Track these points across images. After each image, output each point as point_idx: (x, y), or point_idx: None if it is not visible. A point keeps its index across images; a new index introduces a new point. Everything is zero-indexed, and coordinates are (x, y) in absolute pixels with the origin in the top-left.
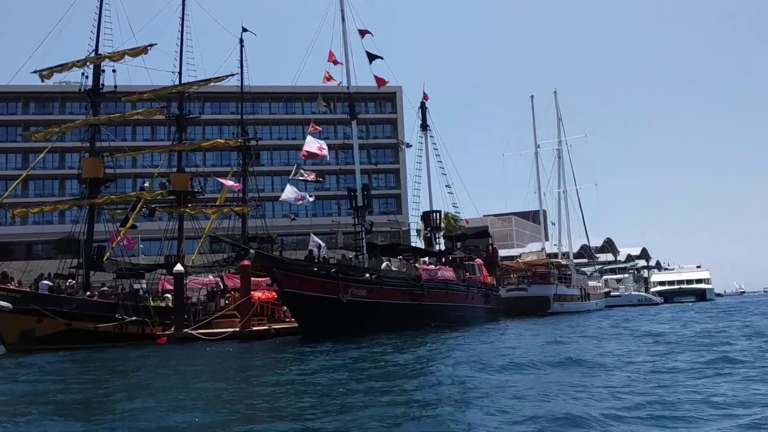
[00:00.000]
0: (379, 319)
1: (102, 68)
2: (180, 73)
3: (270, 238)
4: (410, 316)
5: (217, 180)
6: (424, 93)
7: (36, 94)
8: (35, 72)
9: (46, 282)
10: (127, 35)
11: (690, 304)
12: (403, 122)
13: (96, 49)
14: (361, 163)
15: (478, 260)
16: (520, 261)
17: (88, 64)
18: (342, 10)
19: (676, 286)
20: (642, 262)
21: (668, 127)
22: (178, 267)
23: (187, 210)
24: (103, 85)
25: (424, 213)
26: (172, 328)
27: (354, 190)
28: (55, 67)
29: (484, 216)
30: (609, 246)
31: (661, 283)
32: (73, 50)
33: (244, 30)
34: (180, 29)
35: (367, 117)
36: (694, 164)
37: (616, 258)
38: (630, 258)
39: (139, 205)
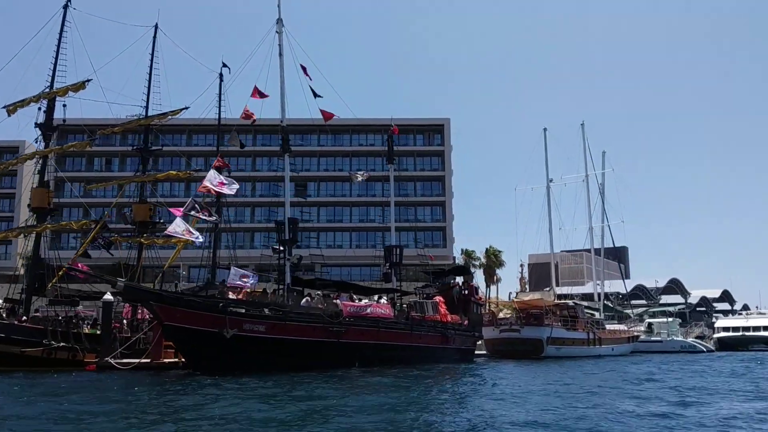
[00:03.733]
0: (285, 356)
1: (55, 102)
2: (147, 107)
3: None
4: (326, 354)
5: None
6: (392, 126)
7: None
8: (3, 108)
9: None
10: (88, 70)
11: (753, 353)
12: (451, 154)
13: (51, 85)
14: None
15: (438, 298)
16: (515, 300)
17: (41, 99)
18: (280, 45)
19: (740, 333)
20: (723, 306)
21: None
22: (107, 296)
23: (142, 240)
24: (57, 119)
25: (385, 248)
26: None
27: (282, 224)
28: (18, 102)
29: (562, 252)
30: (676, 287)
31: (725, 329)
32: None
33: (224, 65)
34: (149, 64)
35: (415, 149)
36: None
37: (686, 300)
38: (705, 301)
39: (91, 235)
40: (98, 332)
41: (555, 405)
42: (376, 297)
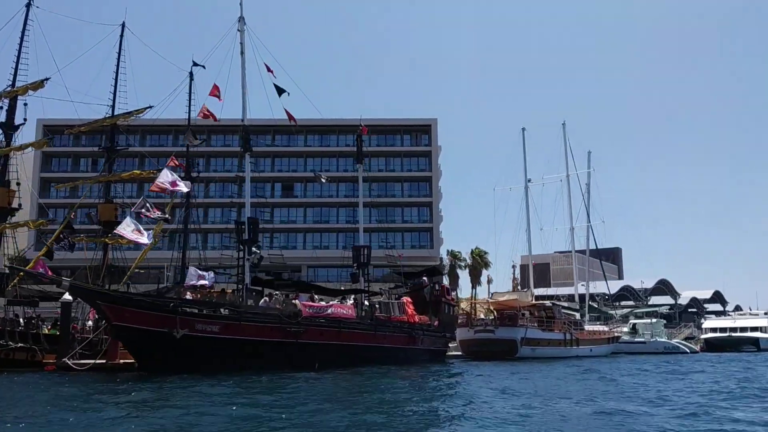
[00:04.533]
0: (240, 356)
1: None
2: (113, 106)
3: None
4: (283, 355)
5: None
6: (361, 126)
7: None
8: None
9: None
10: (52, 70)
11: (734, 354)
12: (438, 154)
13: (13, 84)
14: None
15: (406, 298)
16: (490, 301)
17: (2, 98)
18: (242, 44)
19: (726, 334)
20: (715, 307)
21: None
22: (66, 296)
23: (106, 240)
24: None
25: (353, 248)
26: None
27: (242, 224)
28: None
29: (555, 252)
30: (665, 288)
31: (712, 330)
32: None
33: (195, 64)
34: (116, 63)
35: (402, 149)
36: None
37: (675, 301)
38: (695, 302)
39: (54, 235)
40: (58, 333)
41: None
42: (340, 298)
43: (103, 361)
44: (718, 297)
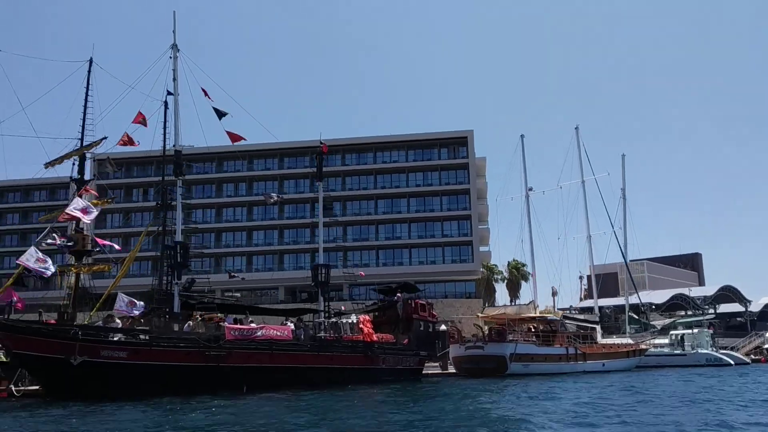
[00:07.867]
0: (152, 382)
1: None
2: (81, 138)
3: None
4: (202, 379)
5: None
6: (321, 143)
7: None
8: None
9: None
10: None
11: None
12: (478, 166)
13: None
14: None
15: (363, 317)
16: (479, 315)
17: None
18: (174, 70)
19: None
20: None
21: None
22: None
23: (72, 269)
24: None
25: (313, 267)
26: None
27: (172, 248)
28: None
29: (633, 261)
30: (732, 295)
31: None
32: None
33: (169, 93)
34: (84, 98)
35: (439, 163)
36: None
37: (746, 309)
38: None
39: (19, 269)
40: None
41: None
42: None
43: (37, 387)
44: None
